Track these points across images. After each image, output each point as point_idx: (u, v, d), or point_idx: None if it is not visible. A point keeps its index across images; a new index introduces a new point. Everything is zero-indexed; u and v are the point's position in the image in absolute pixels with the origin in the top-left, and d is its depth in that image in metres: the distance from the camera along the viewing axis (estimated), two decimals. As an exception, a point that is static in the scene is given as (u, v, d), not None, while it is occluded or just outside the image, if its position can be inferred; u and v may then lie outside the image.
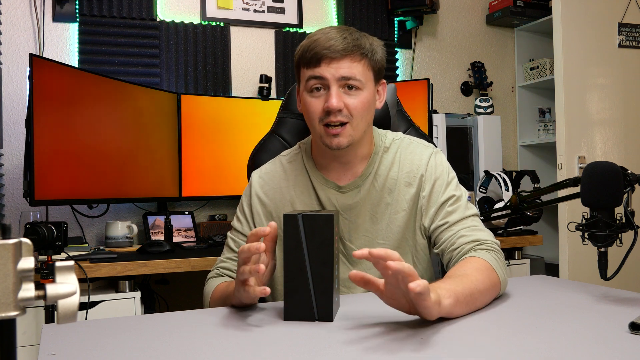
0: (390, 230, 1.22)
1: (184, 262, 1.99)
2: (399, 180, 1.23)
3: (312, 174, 1.26)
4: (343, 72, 1.13)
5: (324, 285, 0.92)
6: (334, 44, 1.13)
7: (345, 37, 1.14)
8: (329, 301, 0.92)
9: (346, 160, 1.23)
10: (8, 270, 0.48)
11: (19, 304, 0.48)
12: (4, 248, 0.47)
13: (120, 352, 0.80)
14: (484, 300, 1.00)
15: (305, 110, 1.19)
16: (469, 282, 0.97)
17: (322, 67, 1.13)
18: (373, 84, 1.19)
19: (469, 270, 1.02)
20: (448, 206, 1.20)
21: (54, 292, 0.50)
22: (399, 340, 0.83)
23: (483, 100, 3.17)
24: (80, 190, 2.11)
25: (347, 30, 1.16)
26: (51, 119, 1.98)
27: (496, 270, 1.06)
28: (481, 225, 1.19)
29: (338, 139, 1.15)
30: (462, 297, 0.93)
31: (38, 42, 2.49)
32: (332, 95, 1.13)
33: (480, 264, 1.06)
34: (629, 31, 2.90)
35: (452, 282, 0.96)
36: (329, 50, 1.12)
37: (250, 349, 0.80)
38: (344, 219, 1.23)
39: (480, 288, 0.99)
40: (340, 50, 1.13)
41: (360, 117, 1.16)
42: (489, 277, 1.03)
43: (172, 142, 2.50)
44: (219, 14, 2.80)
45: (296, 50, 1.19)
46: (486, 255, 1.09)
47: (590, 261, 1.13)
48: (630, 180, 1.04)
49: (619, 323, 0.87)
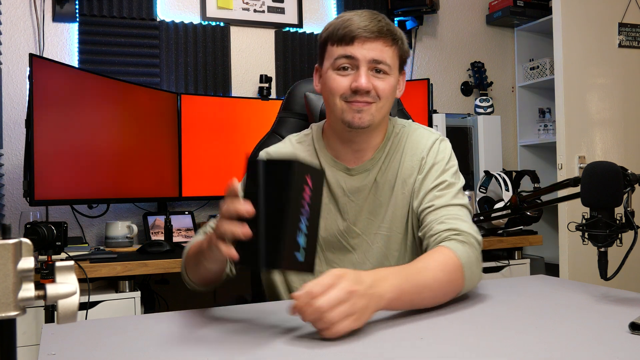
0: (395, 215, 1.20)
1: (184, 262, 1.99)
2: (405, 165, 1.21)
3: (321, 154, 1.24)
4: (375, 55, 1.12)
5: (275, 232, 0.81)
6: (369, 25, 1.11)
7: (380, 20, 1.14)
8: (277, 249, 0.81)
9: (358, 147, 1.21)
10: (8, 270, 0.48)
11: (19, 304, 0.48)
12: (4, 248, 0.48)
13: (120, 352, 0.80)
14: (434, 297, 0.97)
15: (327, 87, 1.16)
16: (422, 278, 0.95)
17: (354, 46, 1.11)
18: (397, 72, 1.18)
19: (430, 263, 0.99)
20: (437, 190, 1.16)
21: (54, 292, 0.50)
22: (397, 340, 0.83)
23: (483, 100, 3.17)
24: (80, 190, 2.11)
25: (380, 15, 1.16)
26: (51, 119, 1.98)
27: (463, 267, 1.01)
28: (466, 217, 1.14)
29: (361, 115, 1.13)
30: (407, 294, 0.91)
31: (38, 42, 2.49)
32: (361, 75, 1.11)
33: (447, 257, 1.01)
34: (629, 31, 2.90)
35: (402, 275, 0.93)
36: (363, 30, 1.11)
37: (250, 348, 0.80)
38: (350, 201, 1.21)
39: (433, 286, 0.96)
40: (375, 32, 1.11)
41: (385, 100, 1.15)
42: (450, 274, 0.99)
43: (172, 142, 2.50)
44: (219, 14, 2.80)
45: (324, 28, 1.17)
46: (459, 249, 1.03)
47: (590, 261, 1.13)
48: (630, 180, 1.04)
49: (619, 323, 0.87)
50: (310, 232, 0.87)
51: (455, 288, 1.01)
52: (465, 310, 1.01)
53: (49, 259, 1.77)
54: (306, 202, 0.86)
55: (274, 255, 0.81)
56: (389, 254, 1.21)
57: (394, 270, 0.94)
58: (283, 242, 0.81)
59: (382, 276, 0.90)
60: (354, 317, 0.81)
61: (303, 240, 0.85)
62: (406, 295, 0.91)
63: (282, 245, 0.81)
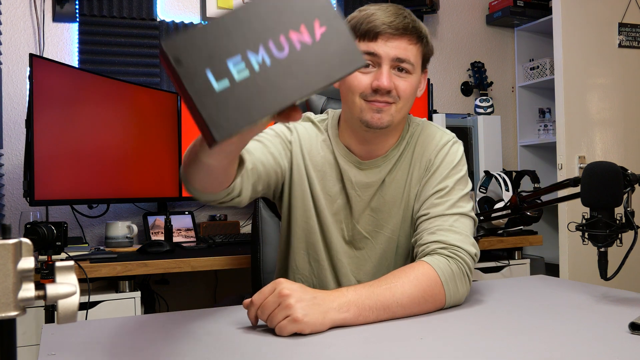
0: (400, 216, 1.18)
1: (184, 262, 1.99)
2: (415, 165, 1.18)
3: (334, 142, 1.20)
4: (398, 53, 1.07)
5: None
6: (394, 21, 1.06)
7: (406, 17, 1.08)
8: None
9: (374, 147, 1.18)
10: (8, 270, 0.48)
11: (19, 304, 0.48)
12: (4, 248, 0.47)
13: (120, 352, 0.80)
14: (406, 312, 0.95)
15: (346, 84, 1.11)
16: (388, 294, 0.93)
17: (378, 42, 1.06)
18: (420, 71, 1.14)
19: (402, 279, 0.97)
20: (436, 197, 1.12)
21: (54, 292, 0.50)
22: (398, 340, 0.83)
23: (483, 100, 3.17)
24: (80, 190, 2.11)
25: (406, 10, 1.10)
26: (51, 119, 1.98)
27: (443, 283, 0.99)
28: (462, 228, 1.08)
29: (380, 116, 1.09)
30: (370, 309, 0.91)
31: (38, 42, 2.49)
32: (383, 74, 1.06)
33: (423, 273, 0.99)
34: (629, 31, 2.90)
35: (365, 292, 0.93)
36: (388, 27, 1.06)
37: (250, 348, 0.80)
38: (356, 195, 1.18)
39: (404, 302, 0.94)
40: (401, 29, 1.06)
41: (406, 101, 1.11)
42: (424, 290, 0.97)
43: (172, 142, 2.50)
44: (219, 14, 2.80)
45: (346, 20, 1.09)
46: (441, 263, 1.01)
47: (590, 261, 1.13)
48: (630, 180, 1.04)
49: (619, 323, 0.87)
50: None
51: (434, 303, 0.99)
52: (465, 310, 1.01)
53: (49, 259, 1.77)
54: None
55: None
56: (390, 256, 1.20)
57: (358, 286, 0.95)
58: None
59: (340, 293, 0.91)
60: (290, 319, 0.85)
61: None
62: (369, 311, 0.91)
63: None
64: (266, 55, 0.60)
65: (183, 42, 0.58)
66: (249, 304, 0.90)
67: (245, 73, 0.59)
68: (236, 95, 0.59)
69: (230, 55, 0.59)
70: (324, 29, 0.62)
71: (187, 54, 0.58)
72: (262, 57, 0.60)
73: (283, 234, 1.25)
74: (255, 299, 0.89)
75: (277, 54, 0.61)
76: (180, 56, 0.58)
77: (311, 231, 1.20)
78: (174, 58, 0.58)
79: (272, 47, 0.61)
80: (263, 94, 0.60)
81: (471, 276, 1.05)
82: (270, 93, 0.60)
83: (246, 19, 0.60)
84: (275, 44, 0.61)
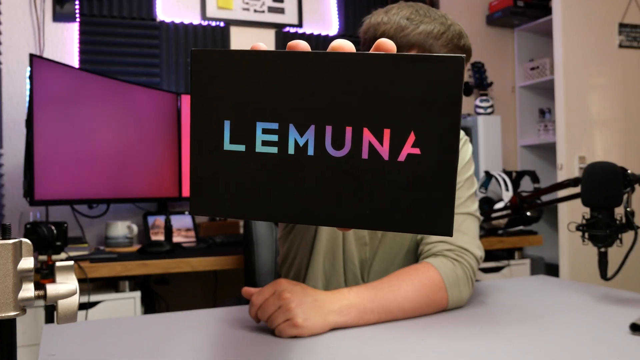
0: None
1: (184, 262, 1.99)
2: None
3: None
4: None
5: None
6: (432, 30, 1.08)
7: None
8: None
9: None
10: (8, 270, 0.48)
11: (19, 304, 0.48)
12: (4, 248, 0.47)
13: (120, 352, 0.80)
14: (407, 314, 0.95)
15: None
16: (391, 297, 0.93)
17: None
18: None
19: (405, 281, 0.97)
20: None
21: (54, 292, 0.50)
22: (397, 340, 0.83)
23: (483, 100, 3.17)
24: (80, 190, 2.11)
25: (445, 17, 1.11)
26: (51, 119, 1.98)
27: (447, 288, 0.99)
28: (468, 229, 1.08)
29: None
30: (371, 312, 0.91)
31: (38, 42, 2.49)
32: None
33: (427, 276, 0.98)
34: (629, 31, 2.90)
35: (367, 295, 0.93)
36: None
37: (251, 349, 0.80)
38: None
39: (406, 307, 0.94)
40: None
41: None
42: (427, 293, 0.97)
43: (172, 142, 2.50)
44: (219, 14, 2.80)
45: (373, 21, 1.09)
46: (446, 266, 1.01)
47: (590, 261, 1.13)
48: (630, 180, 1.04)
49: (619, 324, 0.87)
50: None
51: (437, 306, 0.99)
52: (466, 310, 1.01)
53: (49, 259, 1.77)
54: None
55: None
56: (399, 256, 1.19)
57: (361, 287, 0.94)
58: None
59: (341, 295, 0.91)
60: (289, 323, 0.84)
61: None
62: (370, 314, 0.91)
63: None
64: (313, 141, 0.42)
65: (215, 62, 0.43)
66: (249, 305, 0.90)
67: (272, 149, 0.42)
68: (243, 170, 0.43)
69: (266, 119, 0.42)
70: (416, 151, 0.41)
71: (214, 82, 0.43)
72: (307, 140, 0.42)
73: (305, 239, 1.20)
74: (255, 300, 0.89)
75: (330, 147, 0.42)
76: (204, 79, 0.43)
77: (335, 237, 1.17)
78: (196, 77, 0.43)
79: (328, 135, 0.42)
80: (276, 190, 0.43)
81: (475, 279, 1.05)
82: (285, 194, 0.42)
83: (313, 77, 0.42)
84: (335, 133, 0.41)
